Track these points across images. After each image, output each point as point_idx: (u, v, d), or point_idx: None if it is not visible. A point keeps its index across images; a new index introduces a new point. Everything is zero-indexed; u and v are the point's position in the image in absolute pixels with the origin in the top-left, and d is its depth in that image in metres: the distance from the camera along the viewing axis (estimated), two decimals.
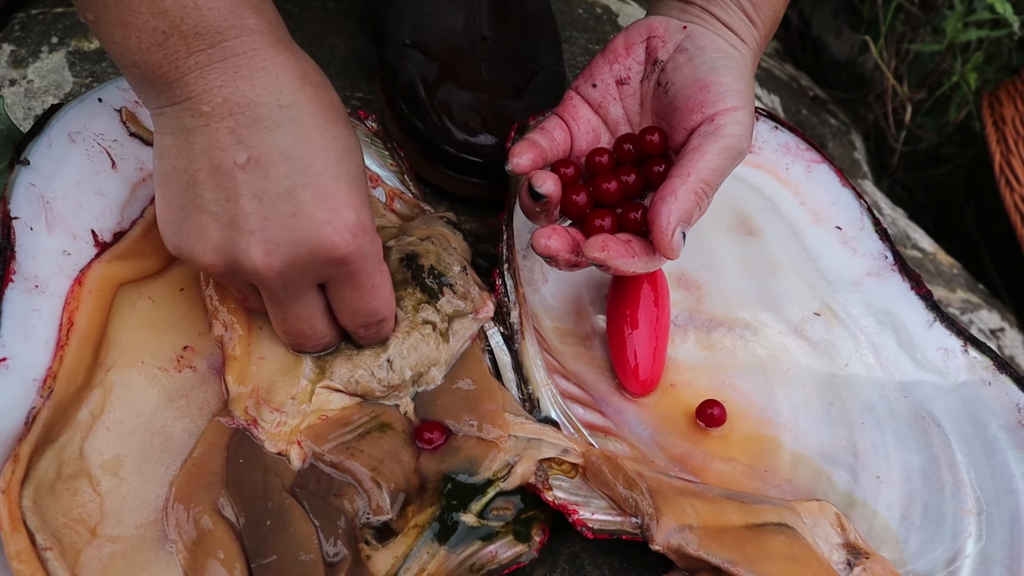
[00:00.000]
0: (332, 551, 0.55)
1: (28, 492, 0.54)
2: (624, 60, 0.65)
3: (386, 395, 0.63)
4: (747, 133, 0.61)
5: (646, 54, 0.65)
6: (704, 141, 0.60)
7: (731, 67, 0.62)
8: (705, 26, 0.64)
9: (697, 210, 0.60)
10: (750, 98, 0.62)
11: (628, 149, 0.65)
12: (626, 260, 0.58)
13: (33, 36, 0.82)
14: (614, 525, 0.58)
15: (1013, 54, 1.29)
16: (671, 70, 0.63)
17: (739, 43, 0.64)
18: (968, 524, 0.63)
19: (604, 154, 0.64)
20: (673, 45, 0.64)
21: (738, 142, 0.60)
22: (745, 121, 0.60)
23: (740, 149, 0.60)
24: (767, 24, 0.66)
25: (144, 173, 0.66)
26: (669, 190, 0.58)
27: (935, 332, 0.70)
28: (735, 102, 0.60)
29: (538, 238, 0.59)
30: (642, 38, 0.65)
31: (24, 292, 0.58)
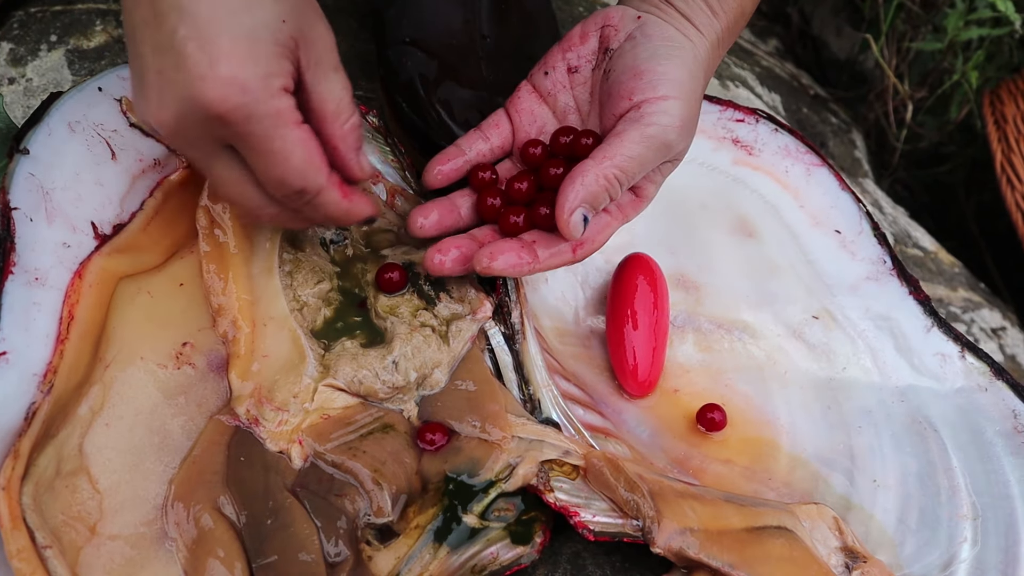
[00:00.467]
0: (333, 551, 0.56)
1: (28, 489, 0.54)
2: (577, 48, 0.65)
3: (390, 397, 0.63)
4: (676, 124, 0.59)
5: (599, 43, 0.65)
6: (626, 127, 0.59)
7: (675, 56, 0.61)
8: (661, 16, 0.63)
9: (605, 195, 0.59)
10: (690, 89, 0.61)
11: (565, 142, 0.64)
12: (518, 267, 0.60)
13: (32, 34, 0.81)
14: (615, 527, 0.59)
15: (1014, 52, 1.29)
16: (616, 58, 0.63)
17: (695, 33, 0.63)
18: (964, 529, 0.64)
19: (538, 146, 0.65)
20: (624, 34, 0.63)
21: (663, 132, 0.59)
22: (675, 112, 0.59)
23: (666, 140, 0.59)
24: (731, 15, 0.65)
25: (144, 164, 0.66)
26: (579, 171, 0.58)
27: (933, 337, 0.70)
28: (667, 91, 0.59)
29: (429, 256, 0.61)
30: (597, 27, 0.65)
31: (24, 285, 0.58)
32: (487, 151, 0.66)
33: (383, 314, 0.65)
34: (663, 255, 0.73)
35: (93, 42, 0.82)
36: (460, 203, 0.65)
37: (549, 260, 0.62)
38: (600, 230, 0.63)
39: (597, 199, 0.59)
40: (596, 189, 0.58)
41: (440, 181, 0.64)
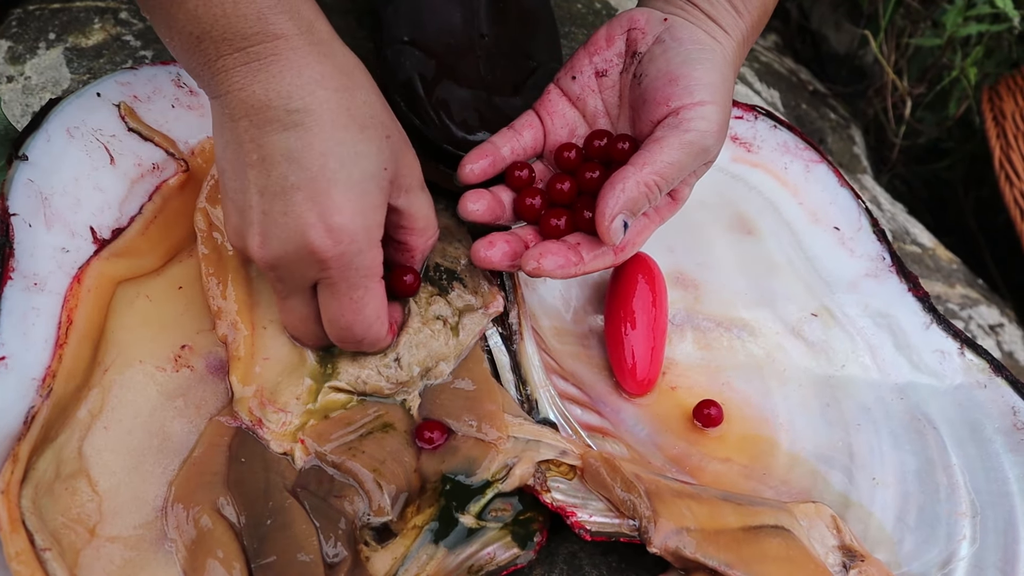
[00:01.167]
0: (332, 552, 0.56)
1: (27, 492, 0.54)
2: (604, 52, 0.65)
3: (395, 391, 0.63)
4: (714, 129, 0.60)
5: (626, 46, 0.65)
6: (666, 134, 0.59)
7: (706, 60, 0.61)
8: (687, 17, 0.63)
9: (646, 202, 0.59)
10: (724, 93, 0.61)
11: (599, 145, 0.64)
12: (565, 268, 0.60)
13: (30, 32, 0.81)
14: (612, 527, 0.59)
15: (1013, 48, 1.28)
16: (647, 62, 0.63)
17: (722, 35, 0.63)
18: (962, 527, 0.64)
19: (572, 149, 0.65)
20: (652, 37, 0.63)
21: (702, 138, 0.59)
22: (712, 117, 0.60)
23: (704, 145, 0.60)
24: (755, 13, 0.65)
25: (142, 169, 0.66)
26: (619, 177, 0.59)
27: (932, 334, 0.70)
28: (704, 96, 0.60)
29: (477, 249, 0.61)
30: (623, 30, 0.65)
31: (23, 290, 0.58)
32: (520, 150, 0.66)
33: None
34: (661, 253, 0.73)
35: (92, 40, 0.82)
36: (504, 198, 0.65)
37: (593, 263, 0.62)
38: (639, 232, 0.64)
39: (637, 205, 0.59)
40: (636, 195, 0.59)
41: (476, 177, 0.64)
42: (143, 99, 0.68)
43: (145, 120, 0.67)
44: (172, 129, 0.68)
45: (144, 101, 0.68)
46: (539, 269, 0.60)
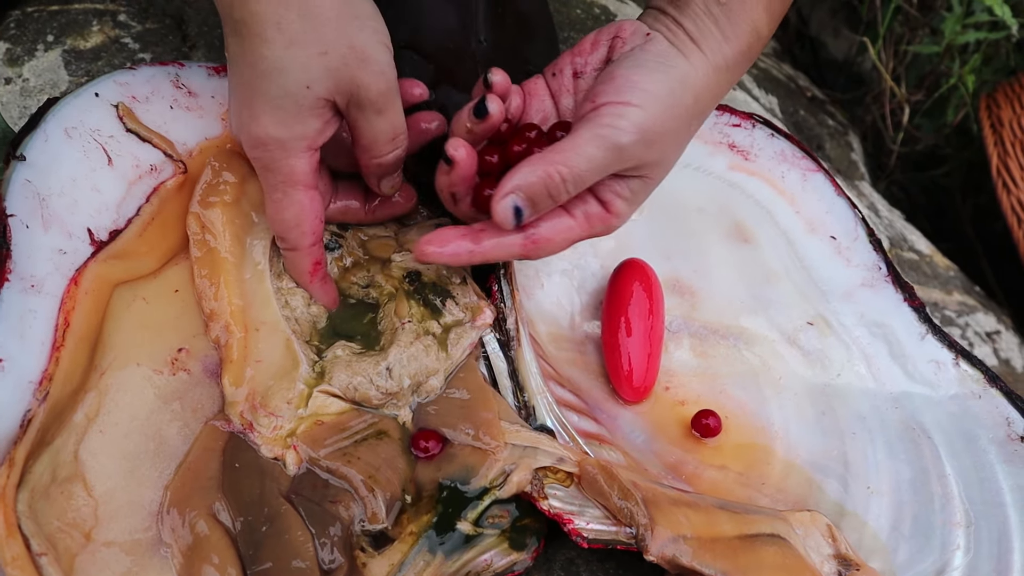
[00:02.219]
0: (328, 558, 0.56)
1: (23, 496, 0.54)
2: (586, 55, 0.65)
3: (384, 403, 0.63)
4: (631, 129, 0.58)
5: (607, 53, 0.65)
6: (580, 126, 0.59)
7: (657, 70, 0.60)
8: (668, 36, 0.62)
9: (543, 188, 0.58)
10: (665, 104, 0.59)
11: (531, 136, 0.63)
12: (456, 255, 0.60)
13: (28, 34, 0.81)
14: (609, 535, 0.59)
15: (1011, 56, 1.29)
16: (608, 67, 0.62)
17: (698, 57, 0.62)
18: (957, 536, 0.64)
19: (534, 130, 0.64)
20: (630, 47, 0.63)
21: (615, 134, 0.58)
22: (633, 118, 0.58)
23: (617, 142, 0.58)
24: (743, 39, 0.63)
25: (140, 170, 0.66)
26: (525, 162, 0.58)
27: (927, 344, 0.70)
28: (631, 97, 0.58)
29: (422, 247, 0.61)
30: (608, 37, 0.65)
31: (20, 292, 0.58)
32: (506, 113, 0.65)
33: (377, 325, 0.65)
34: (658, 260, 0.73)
35: (90, 42, 0.82)
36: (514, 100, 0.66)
37: (492, 250, 0.60)
38: (557, 232, 0.61)
39: (534, 189, 0.58)
40: (533, 180, 0.58)
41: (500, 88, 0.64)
42: (141, 100, 0.68)
43: (143, 121, 0.67)
44: (170, 130, 0.68)
45: (142, 102, 0.68)
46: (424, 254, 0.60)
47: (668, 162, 0.62)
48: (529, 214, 0.59)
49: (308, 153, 0.60)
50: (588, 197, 0.62)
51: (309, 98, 0.58)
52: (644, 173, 0.61)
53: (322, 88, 0.58)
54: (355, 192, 0.69)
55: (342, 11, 0.58)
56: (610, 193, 0.62)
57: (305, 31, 0.57)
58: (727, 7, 0.62)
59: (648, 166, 0.61)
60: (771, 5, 0.63)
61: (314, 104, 0.58)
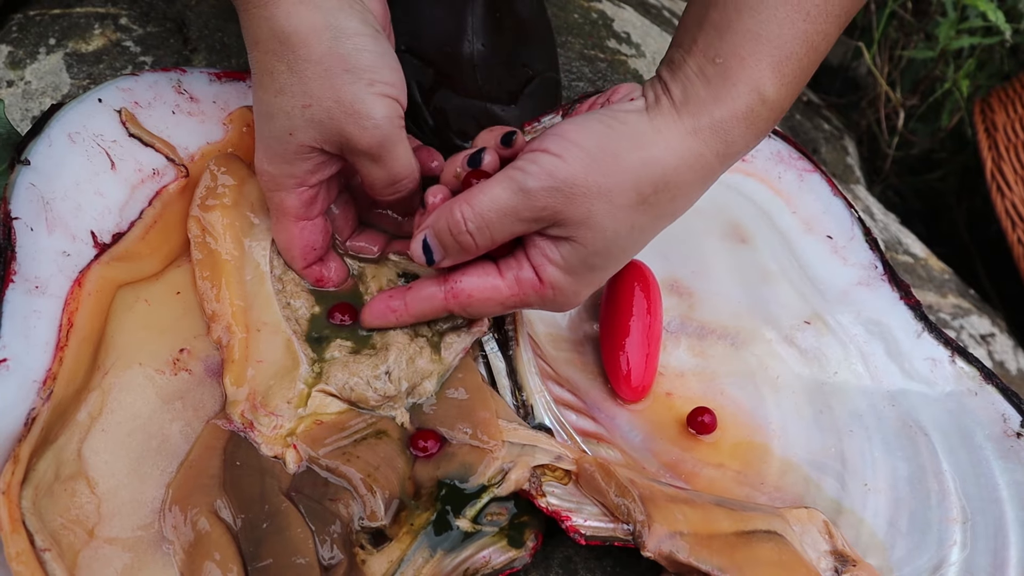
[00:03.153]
0: (328, 555, 0.56)
1: (27, 493, 0.54)
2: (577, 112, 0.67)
3: (380, 405, 0.63)
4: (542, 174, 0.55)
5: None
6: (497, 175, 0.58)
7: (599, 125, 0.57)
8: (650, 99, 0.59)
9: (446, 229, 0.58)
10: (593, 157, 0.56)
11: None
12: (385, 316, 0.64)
13: (31, 37, 0.82)
14: (606, 532, 0.59)
15: (1005, 61, 1.30)
16: None
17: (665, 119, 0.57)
18: (953, 532, 0.64)
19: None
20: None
21: (523, 177, 0.56)
22: (547, 165, 0.55)
23: (524, 186, 0.56)
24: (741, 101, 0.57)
25: (143, 174, 0.67)
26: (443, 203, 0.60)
27: (923, 342, 0.71)
28: (552, 147, 0.56)
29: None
30: (604, 99, 0.64)
31: (24, 293, 0.59)
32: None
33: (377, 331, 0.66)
34: (656, 260, 0.74)
35: (92, 46, 0.82)
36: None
37: (417, 305, 0.63)
38: (481, 290, 0.60)
39: (439, 226, 0.59)
40: (441, 220, 0.59)
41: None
42: (144, 105, 0.69)
43: (146, 126, 0.68)
44: (172, 135, 0.69)
45: (145, 107, 0.69)
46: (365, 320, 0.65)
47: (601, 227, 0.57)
48: (440, 255, 0.60)
49: (299, 190, 0.63)
50: (521, 260, 0.60)
51: (292, 144, 0.61)
52: (570, 234, 0.57)
53: (306, 136, 0.60)
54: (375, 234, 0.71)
55: (332, 65, 0.58)
56: (540, 256, 0.59)
57: (291, 83, 0.59)
58: (722, 67, 0.57)
59: (571, 225, 0.57)
60: (781, 66, 0.57)
61: (298, 149, 0.61)
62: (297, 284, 0.67)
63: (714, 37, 0.57)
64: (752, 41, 0.56)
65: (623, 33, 1.00)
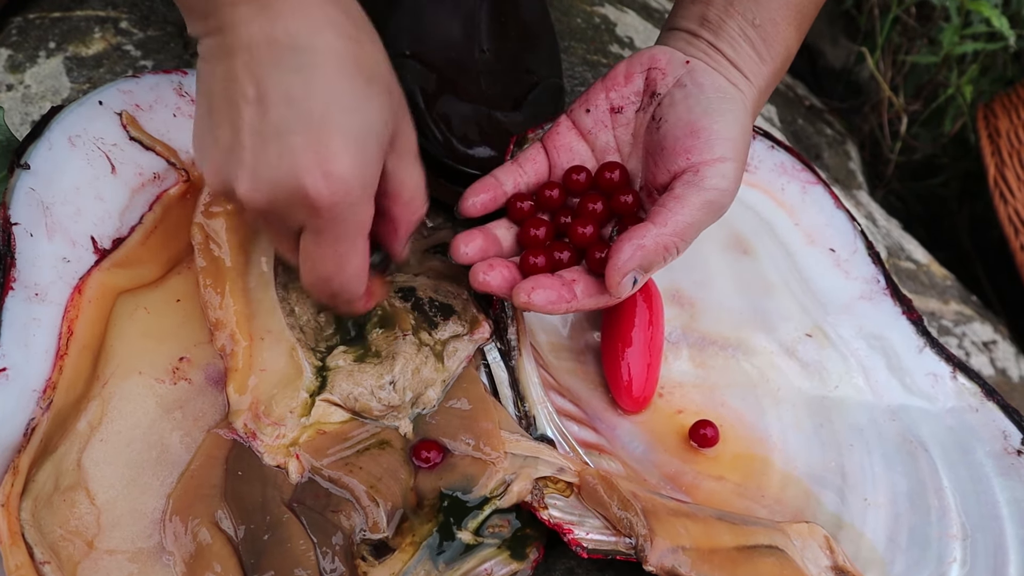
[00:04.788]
0: (329, 567, 0.56)
1: (27, 505, 0.54)
2: (621, 88, 0.64)
3: (384, 415, 0.63)
4: (732, 187, 0.59)
5: (645, 85, 0.64)
6: (687, 191, 0.59)
7: (727, 111, 0.60)
8: (709, 62, 0.62)
9: (661, 261, 0.59)
10: (743, 147, 0.60)
11: (578, 180, 0.64)
12: (556, 304, 0.59)
13: (30, 41, 0.81)
14: (608, 545, 0.59)
15: (1008, 67, 1.30)
16: (666, 105, 0.62)
17: (743, 82, 0.62)
18: (953, 549, 0.64)
19: (555, 188, 0.64)
20: (673, 79, 0.62)
21: (721, 197, 0.59)
22: (731, 175, 0.59)
23: (722, 204, 0.59)
24: (778, 61, 0.63)
25: (143, 178, 0.66)
26: (639, 233, 0.58)
27: (925, 357, 0.71)
28: (724, 152, 0.59)
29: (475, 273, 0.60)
30: (643, 68, 0.64)
31: (24, 300, 0.59)
32: (523, 184, 0.65)
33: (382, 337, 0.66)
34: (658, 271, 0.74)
35: (92, 49, 0.82)
36: (499, 234, 0.64)
37: (586, 302, 0.61)
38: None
39: (652, 264, 0.59)
40: (653, 256, 0.58)
41: (477, 211, 0.63)
42: (145, 108, 0.68)
43: (147, 129, 0.67)
44: (174, 138, 0.68)
45: (146, 110, 0.68)
46: (529, 303, 0.59)
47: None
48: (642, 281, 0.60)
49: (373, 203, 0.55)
50: None
51: (386, 135, 0.53)
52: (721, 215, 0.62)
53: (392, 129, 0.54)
54: None
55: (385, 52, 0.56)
56: None
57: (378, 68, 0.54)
58: (762, 28, 0.61)
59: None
60: (802, 24, 0.63)
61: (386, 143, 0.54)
62: (301, 292, 0.66)
63: (749, 1, 0.61)
64: (786, 7, 0.62)
65: (626, 38, 1.00)
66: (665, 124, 0.61)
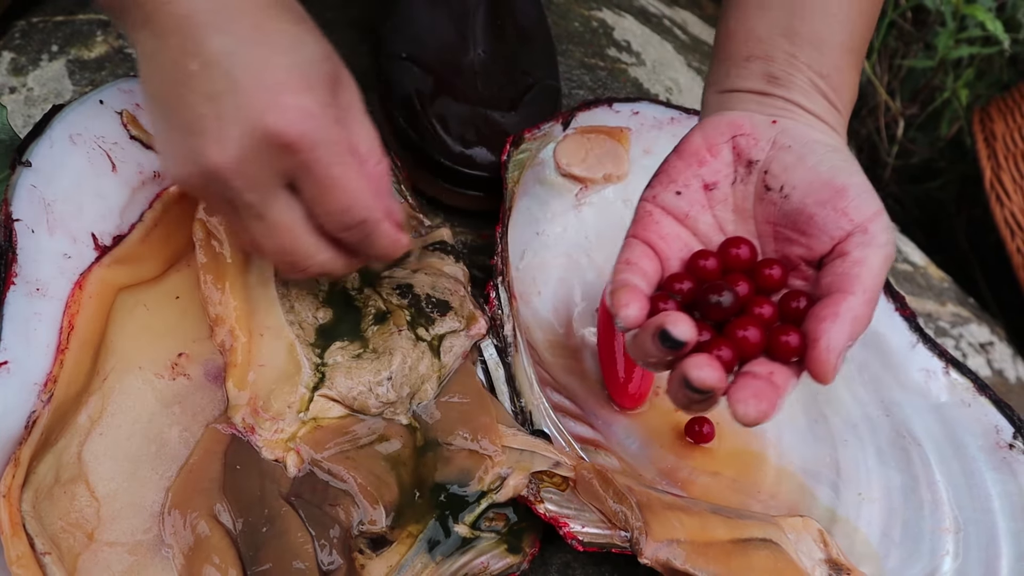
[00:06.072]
0: (327, 560, 0.56)
1: (27, 496, 0.54)
2: (710, 163, 0.57)
3: (381, 411, 0.64)
4: (894, 239, 0.56)
5: (734, 154, 0.57)
6: (867, 253, 0.53)
7: (850, 163, 0.55)
8: (794, 118, 0.57)
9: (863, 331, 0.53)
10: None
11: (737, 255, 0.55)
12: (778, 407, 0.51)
13: (33, 44, 0.82)
14: (604, 538, 0.60)
15: (1004, 70, 1.30)
16: (780, 171, 0.55)
17: (832, 133, 0.58)
18: (946, 542, 0.65)
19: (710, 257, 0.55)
20: (767, 142, 0.56)
21: (892, 250, 0.54)
22: (890, 225, 0.54)
23: (892, 258, 0.54)
24: (848, 108, 0.60)
25: (144, 176, 0.67)
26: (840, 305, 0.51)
27: (918, 353, 0.71)
28: (877, 205, 0.54)
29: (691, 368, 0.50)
30: (725, 137, 0.57)
31: (25, 295, 0.59)
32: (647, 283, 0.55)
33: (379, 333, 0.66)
34: None
35: (94, 52, 0.83)
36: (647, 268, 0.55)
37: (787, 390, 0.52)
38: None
39: (858, 335, 0.52)
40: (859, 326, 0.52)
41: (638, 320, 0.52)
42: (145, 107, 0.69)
43: (147, 128, 0.68)
44: None
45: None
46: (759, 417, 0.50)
47: None
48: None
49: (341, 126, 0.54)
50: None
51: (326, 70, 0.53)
52: None
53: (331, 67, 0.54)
54: None
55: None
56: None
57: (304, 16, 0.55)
58: (829, 78, 0.58)
59: None
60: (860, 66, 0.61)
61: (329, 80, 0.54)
62: (301, 288, 0.67)
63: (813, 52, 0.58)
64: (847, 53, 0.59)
65: (623, 41, 1.01)
66: (795, 191, 0.55)
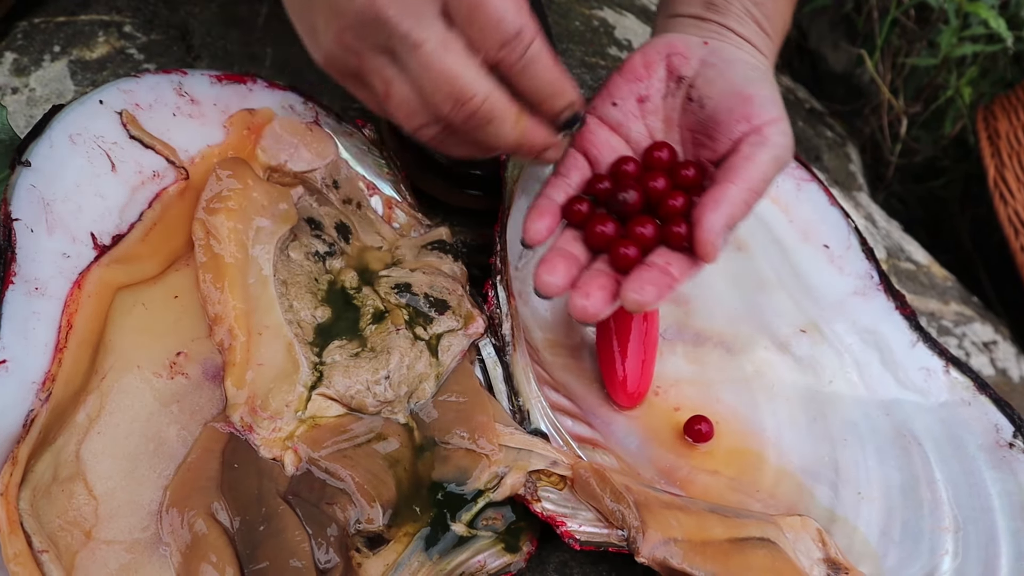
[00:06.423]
0: (324, 558, 0.56)
1: (25, 494, 0.55)
2: (645, 79, 0.64)
3: (379, 410, 0.64)
4: (791, 143, 0.61)
5: (667, 71, 0.64)
6: (755, 151, 0.59)
7: (764, 78, 0.62)
8: (725, 40, 0.64)
9: (743, 216, 0.59)
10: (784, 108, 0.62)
11: (658, 156, 0.62)
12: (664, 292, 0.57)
13: (35, 45, 0.82)
14: (601, 537, 0.60)
15: (1008, 69, 1.30)
16: (702, 85, 0.63)
17: (758, 55, 0.65)
18: (945, 541, 0.64)
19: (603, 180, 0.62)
20: (697, 60, 0.63)
21: (785, 152, 0.60)
22: (788, 131, 0.61)
23: (786, 160, 0.61)
24: (778, 36, 0.67)
25: (143, 176, 0.67)
26: (721, 193, 0.58)
27: (918, 352, 0.71)
28: (778, 112, 0.61)
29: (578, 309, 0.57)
30: (661, 56, 0.64)
31: (24, 294, 0.59)
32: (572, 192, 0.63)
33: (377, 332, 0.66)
34: None
35: (96, 53, 0.83)
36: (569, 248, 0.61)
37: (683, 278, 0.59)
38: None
39: (737, 220, 0.59)
40: (736, 211, 0.58)
41: (544, 236, 0.61)
42: (145, 107, 0.69)
43: (146, 128, 0.68)
44: (173, 137, 0.69)
45: (146, 109, 0.69)
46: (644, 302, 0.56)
47: None
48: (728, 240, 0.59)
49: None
50: None
51: None
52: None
53: None
54: None
55: None
56: None
57: None
58: (763, 6, 0.65)
59: None
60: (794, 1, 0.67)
61: None
62: (300, 287, 0.67)
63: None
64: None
65: (624, 40, 1.00)
66: (710, 101, 0.62)
